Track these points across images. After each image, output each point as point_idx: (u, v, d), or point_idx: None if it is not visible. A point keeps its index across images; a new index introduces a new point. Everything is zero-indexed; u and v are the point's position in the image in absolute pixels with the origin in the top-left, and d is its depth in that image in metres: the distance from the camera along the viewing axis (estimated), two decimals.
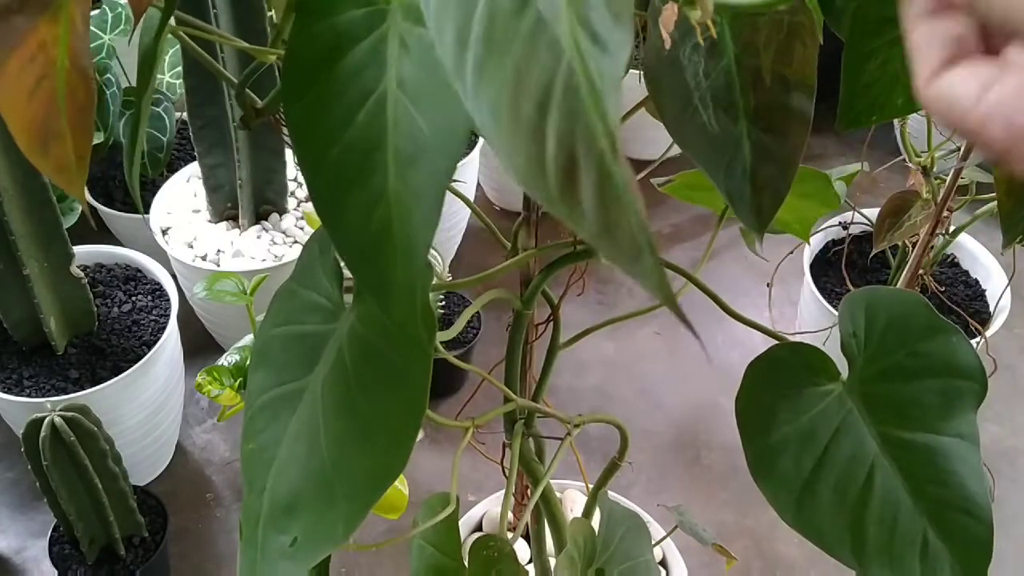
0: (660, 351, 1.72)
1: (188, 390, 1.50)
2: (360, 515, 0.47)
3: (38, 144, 0.47)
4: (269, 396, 0.53)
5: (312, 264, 0.56)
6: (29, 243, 1.24)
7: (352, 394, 0.48)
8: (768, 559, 1.41)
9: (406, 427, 0.46)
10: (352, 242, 0.38)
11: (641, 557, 0.85)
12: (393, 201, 0.36)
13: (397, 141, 0.36)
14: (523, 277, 0.74)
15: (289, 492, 0.50)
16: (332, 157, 0.38)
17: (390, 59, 0.37)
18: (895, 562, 0.57)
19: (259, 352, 0.55)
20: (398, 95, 0.37)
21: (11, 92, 0.46)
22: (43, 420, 1.08)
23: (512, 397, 0.73)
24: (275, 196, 1.62)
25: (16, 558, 1.39)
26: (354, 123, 0.37)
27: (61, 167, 0.48)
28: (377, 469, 0.47)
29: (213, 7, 1.33)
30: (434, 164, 0.36)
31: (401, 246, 0.36)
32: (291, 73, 0.39)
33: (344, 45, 0.38)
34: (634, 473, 1.50)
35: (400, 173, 0.36)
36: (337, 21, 0.39)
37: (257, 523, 0.50)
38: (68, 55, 0.47)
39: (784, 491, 0.59)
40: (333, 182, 0.38)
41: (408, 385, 0.47)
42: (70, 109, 0.48)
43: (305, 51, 0.39)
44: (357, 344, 0.50)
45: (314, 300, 0.54)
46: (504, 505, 0.75)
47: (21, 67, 0.46)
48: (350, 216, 0.37)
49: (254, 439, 0.52)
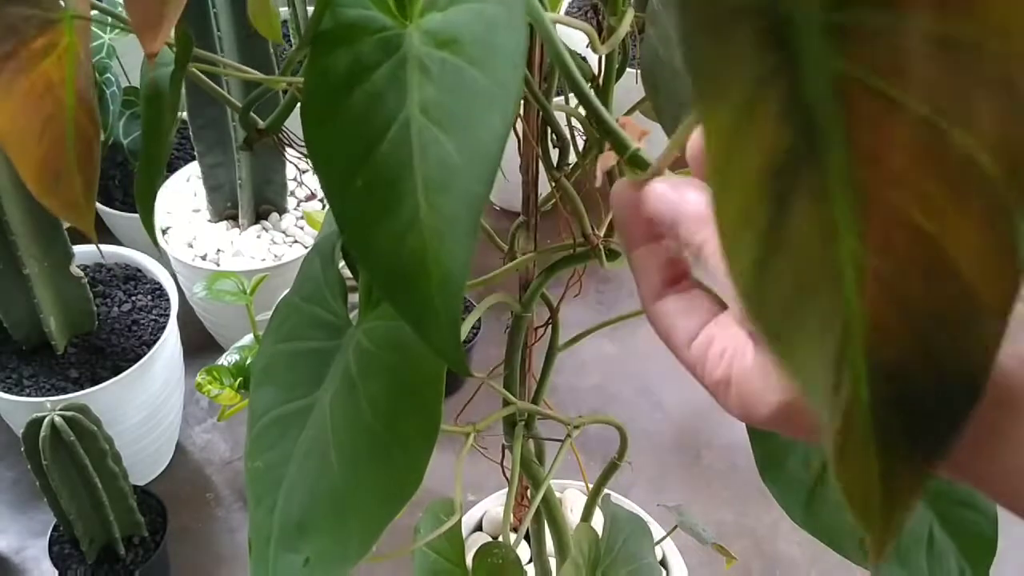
0: (660, 351, 1.71)
1: (188, 390, 1.50)
2: (375, 534, 0.46)
3: (47, 184, 0.48)
4: (275, 414, 0.52)
5: (315, 278, 0.55)
6: (29, 243, 1.24)
7: (363, 411, 0.47)
8: (768, 559, 1.41)
9: (421, 444, 0.46)
10: (385, 272, 0.37)
11: (644, 560, 0.85)
12: (425, 229, 0.35)
13: (425, 168, 0.36)
14: (522, 280, 0.74)
15: (301, 511, 0.49)
16: (357, 187, 0.37)
17: (410, 85, 0.37)
18: (903, 557, 0.58)
19: (263, 369, 0.54)
20: (422, 121, 0.36)
21: (20, 136, 0.46)
22: (43, 420, 1.08)
23: (512, 400, 0.73)
24: (275, 196, 1.62)
25: (16, 558, 1.39)
26: (378, 151, 0.37)
27: (70, 204, 0.49)
28: (391, 487, 0.46)
29: (217, 30, 1.34)
30: (466, 190, 0.35)
31: (437, 275, 0.35)
32: (309, 103, 0.38)
33: (361, 73, 0.38)
34: (634, 473, 1.50)
35: (431, 200, 0.35)
36: (351, 49, 0.38)
37: (268, 542, 0.49)
38: (75, 94, 0.47)
39: (792, 490, 0.59)
40: (361, 212, 0.37)
41: (422, 402, 0.46)
42: (78, 146, 0.48)
43: (321, 80, 0.38)
44: (366, 360, 0.49)
45: (319, 315, 0.53)
46: (506, 511, 0.75)
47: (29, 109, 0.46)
48: (381, 245, 0.37)
49: (261, 457, 0.52)
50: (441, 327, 0.36)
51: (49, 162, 0.47)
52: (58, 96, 0.47)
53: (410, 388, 0.47)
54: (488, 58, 0.36)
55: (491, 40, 0.36)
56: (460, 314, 0.36)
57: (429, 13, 0.38)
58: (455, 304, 0.36)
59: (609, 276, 1.83)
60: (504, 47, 0.35)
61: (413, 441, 0.46)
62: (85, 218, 0.49)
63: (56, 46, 0.47)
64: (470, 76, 0.36)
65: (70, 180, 0.48)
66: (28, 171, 0.47)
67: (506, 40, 0.36)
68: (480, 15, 0.36)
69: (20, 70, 0.45)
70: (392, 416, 0.47)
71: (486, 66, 0.35)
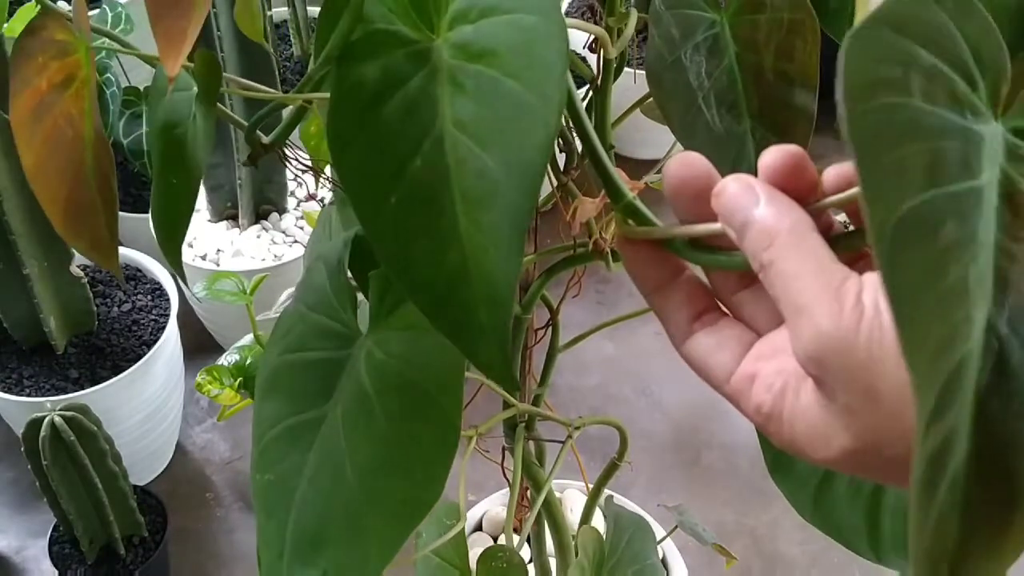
0: (660, 351, 1.72)
1: (188, 390, 1.50)
2: (395, 546, 0.45)
3: (72, 221, 0.47)
4: (284, 426, 0.51)
5: (322, 287, 0.54)
6: (29, 243, 1.24)
7: (378, 422, 0.47)
8: (768, 559, 1.41)
9: (439, 455, 0.45)
10: (424, 289, 0.36)
11: (648, 560, 0.85)
12: (467, 244, 0.35)
13: (463, 183, 0.35)
14: (522, 281, 0.74)
15: (316, 525, 0.48)
16: (391, 204, 0.36)
17: (442, 99, 0.36)
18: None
19: (268, 380, 0.53)
20: (456, 135, 0.35)
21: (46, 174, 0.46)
22: (43, 420, 1.08)
23: (513, 402, 0.73)
24: (275, 195, 1.62)
25: (16, 558, 1.39)
26: (411, 167, 0.36)
27: (96, 244, 0.48)
28: (409, 499, 0.45)
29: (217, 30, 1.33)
30: (510, 203, 0.34)
31: (481, 290, 0.35)
32: (335, 121, 0.38)
33: (388, 89, 0.37)
34: (634, 473, 1.50)
35: (471, 215, 0.35)
36: (377, 64, 0.37)
37: (281, 556, 0.48)
38: (93, 127, 0.47)
39: (802, 488, 0.59)
40: (395, 230, 0.36)
41: (440, 412, 0.45)
42: (97, 180, 0.48)
43: (347, 97, 0.37)
44: (379, 371, 0.48)
45: (326, 325, 0.52)
46: (509, 514, 0.75)
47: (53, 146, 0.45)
48: (419, 261, 0.36)
49: (270, 470, 0.50)
50: (488, 343, 0.35)
51: (73, 201, 0.47)
52: (78, 130, 0.46)
53: (427, 398, 0.46)
54: (527, 69, 0.35)
55: (530, 51, 0.35)
56: (509, 330, 0.35)
57: (459, 26, 0.37)
58: (504, 319, 0.35)
59: (609, 276, 1.82)
60: (544, 57, 0.35)
61: (431, 451, 0.45)
62: (111, 258, 0.49)
63: (75, 79, 0.46)
64: (509, 88, 0.35)
65: (95, 219, 0.48)
66: (55, 211, 0.46)
67: (545, 50, 0.35)
68: (516, 26, 0.36)
69: (45, 106, 0.44)
70: (409, 426, 0.46)
71: (526, 78, 0.35)
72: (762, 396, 0.32)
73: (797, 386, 0.31)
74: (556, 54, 0.35)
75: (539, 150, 0.34)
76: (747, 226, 0.31)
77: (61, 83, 0.45)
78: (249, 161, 0.52)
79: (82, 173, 0.47)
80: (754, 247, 0.31)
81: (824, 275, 0.29)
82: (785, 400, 0.31)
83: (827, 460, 0.30)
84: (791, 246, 0.30)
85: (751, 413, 0.33)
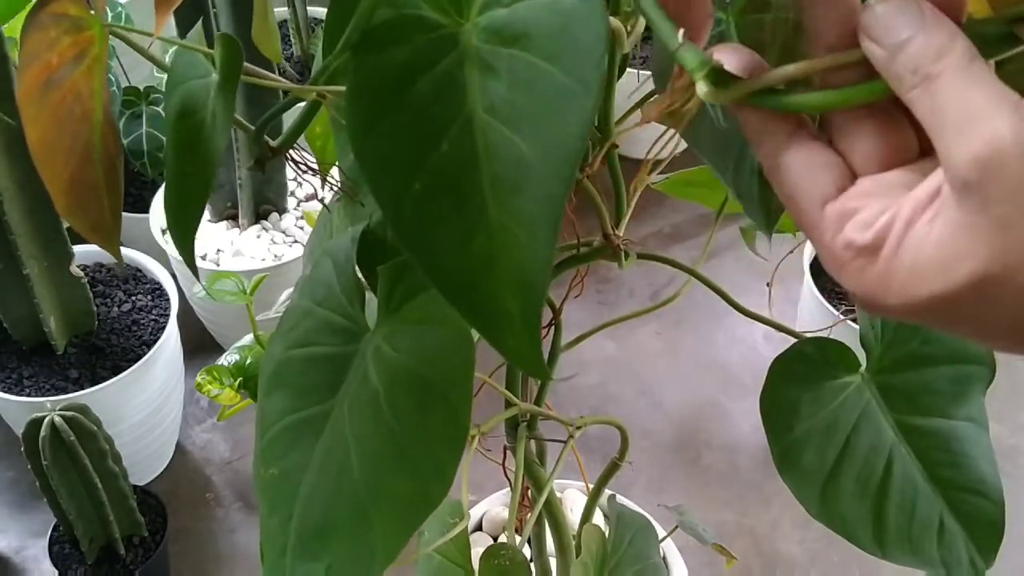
0: (660, 351, 1.72)
1: (188, 390, 1.50)
2: (401, 542, 0.45)
3: (75, 204, 0.46)
4: (289, 421, 0.51)
5: (328, 282, 0.53)
6: (29, 243, 1.24)
7: (385, 417, 0.46)
8: (768, 558, 1.41)
9: (448, 451, 0.44)
10: (448, 275, 0.36)
11: (650, 559, 0.85)
12: (496, 231, 0.34)
13: (493, 168, 0.34)
14: None
15: (321, 519, 0.47)
16: (415, 190, 0.35)
17: (471, 84, 0.35)
18: (914, 545, 0.59)
19: (273, 375, 0.53)
20: (487, 120, 0.35)
21: (50, 151, 0.44)
22: (43, 420, 1.08)
23: (515, 402, 0.73)
24: (275, 195, 1.62)
25: (16, 558, 1.39)
26: (436, 153, 0.35)
27: (97, 226, 0.47)
28: (415, 495, 0.45)
29: (217, 30, 1.33)
30: (544, 189, 0.34)
31: (510, 278, 0.34)
32: (356, 108, 0.37)
33: (412, 74, 0.36)
34: (634, 473, 1.50)
35: (502, 202, 0.34)
36: (402, 50, 0.36)
37: (284, 551, 0.48)
38: (102, 108, 0.46)
39: (808, 484, 0.60)
40: (420, 216, 0.36)
41: (449, 407, 0.45)
42: (104, 163, 0.46)
43: (369, 84, 0.37)
44: (387, 366, 0.47)
45: (333, 320, 0.52)
46: (511, 513, 0.75)
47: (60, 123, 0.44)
48: (443, 247, 0.35)
49: (275, 464, 0.50)
50: (517, 331, 0.35)
51: (77, 180, 0.45)
52: (87, 109, 0.45)
53: (435, 394, 0.45)
54: (566, 53, 0.34)
55: (568, 34, 0.34)
56: (540, 319, 0.35)
57: (490, 10, 0.36)
58: (535, 308, 0.34)
59: (609, 276, 1.83)
60: (583, 40, 0.34)
61: (440, 447, 0.45)
62: (112, 240, 0.48)
63: (87, 55, 0.44)
64: (545, 72, 0.34)
65: (98, 201, 0.47)
66: (58, 189, 0.45)
67: (584, 33, 0.34)
68: (553, 8, 0.35)
69: (55, 81, 0.43)
70: (417, 422, 0.45)
71: (563, 61, 0.34)
72: (854, 233, 0.31)
73: (913, 217, 0.30)
74: (595, 37, 0.34)
75: (576, 136, 0.33)
76: (910, 41, 0.29)
77: (73, 59, 0.44)
78: (256, 165, 0.51)
79: (88, 153, 0.46)
80: (918, 61, 0.29)
81: (1000, 88, 0.28)
82: (892, 232, 0.30)
83: (936, 293, 0.29)
84: (965, 62, 0.29)
85: (837, 247, 0.31)
